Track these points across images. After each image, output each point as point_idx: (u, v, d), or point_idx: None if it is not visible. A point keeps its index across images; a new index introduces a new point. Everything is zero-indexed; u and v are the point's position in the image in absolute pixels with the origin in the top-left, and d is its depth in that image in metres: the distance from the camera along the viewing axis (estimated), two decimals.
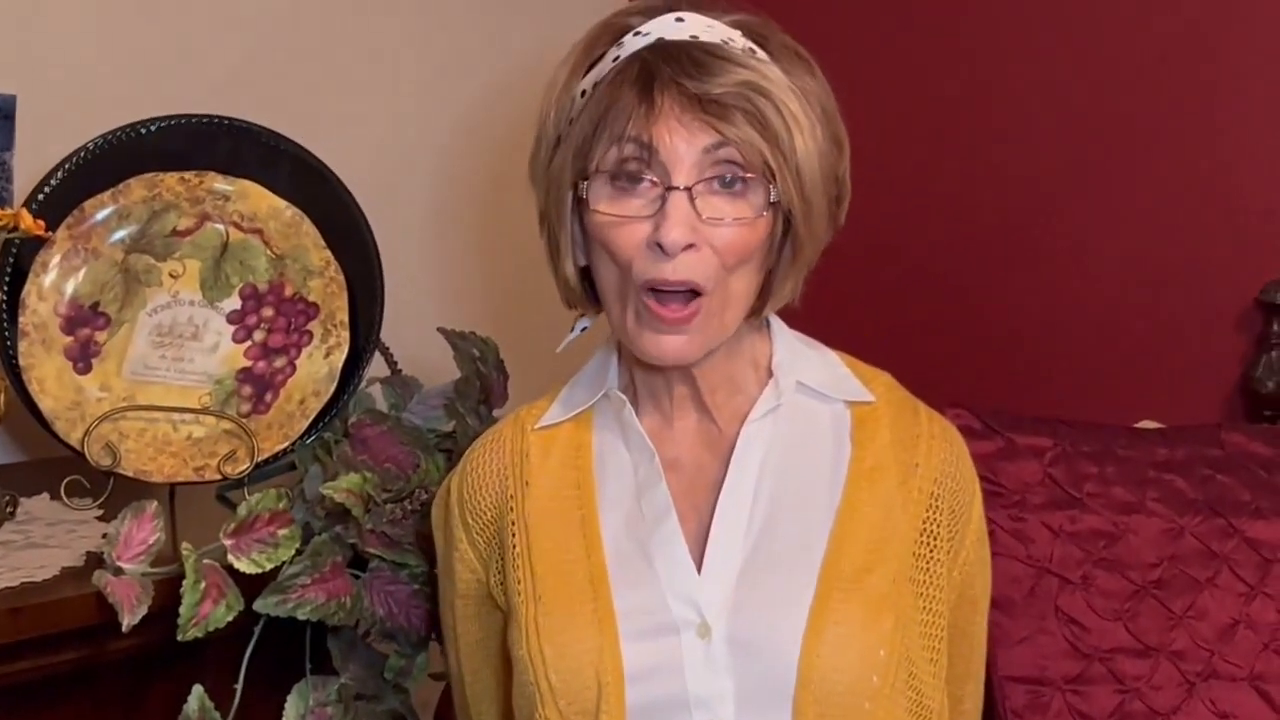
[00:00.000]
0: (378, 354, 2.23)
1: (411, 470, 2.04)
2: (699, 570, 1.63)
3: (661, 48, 1.60)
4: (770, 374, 1.72)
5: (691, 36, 1.61)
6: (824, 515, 1.65)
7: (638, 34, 1.62)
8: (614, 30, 1.65)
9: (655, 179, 1.57)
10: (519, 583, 1.70)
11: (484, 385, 2.17)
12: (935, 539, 1.67)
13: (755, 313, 1.68)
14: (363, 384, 2.20)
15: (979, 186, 2.81)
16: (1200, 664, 2.16)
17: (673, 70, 1.57)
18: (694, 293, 1.58)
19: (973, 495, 1.75)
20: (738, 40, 1.63)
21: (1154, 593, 2.16)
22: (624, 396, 1.72)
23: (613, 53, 1.63)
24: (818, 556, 1.62)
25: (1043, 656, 2.12)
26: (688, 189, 1.56)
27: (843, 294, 1.90)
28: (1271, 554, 2.22)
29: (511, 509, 1.74)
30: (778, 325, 1.75)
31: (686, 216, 1.55)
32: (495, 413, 2.18)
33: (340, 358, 2.15)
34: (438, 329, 2.19)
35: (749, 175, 1.57)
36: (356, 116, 2.72)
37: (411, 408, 2.14)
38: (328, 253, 2.15)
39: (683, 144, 1.56)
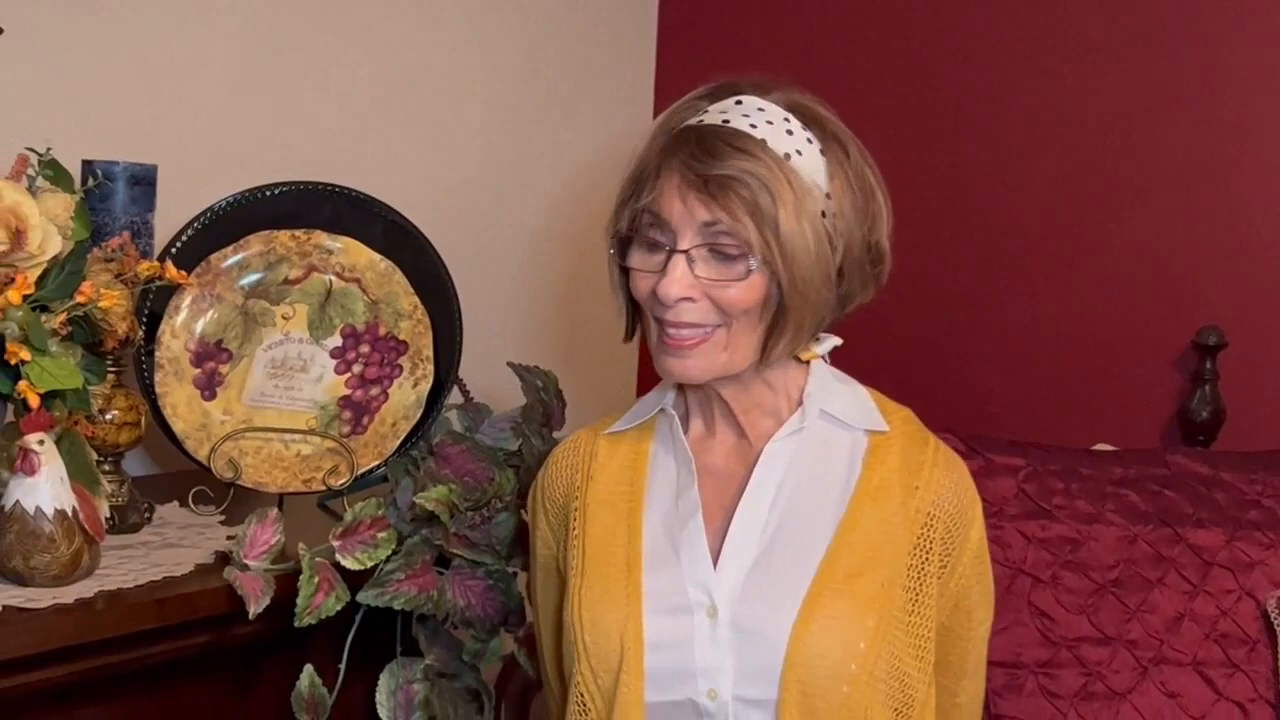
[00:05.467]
0: (454, 385, 2.21)
1: (487, 483, 2.02)
2: (716, 563, 1.63)
3: (690, 130, 1.60)
4: (801, 403, 1.70)
5: (724, 120, 1.59)
6: (828, 525, 1.64)
7: (700, 113, 1.63)
8: (682, 113, 1.65)
9: (665, 242, 1.58)
10: (574, 559, 1.71)
11: (545, 411, 2.16)
12: (929, 553, 1.63)
13: (761, 363, 1.65)
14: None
15: (965, 257, 2.82)
16: (1152, 651, 2.15)
17: (685, 154, 1.57)
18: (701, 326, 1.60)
19: (971, 520, 1.69)
20: (777, 122, 1.60)
21: (1112, 590, 2.14)
22: (674, 413, 1.71)
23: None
24: (817, 559, 1.61)
25: (1018, 644, 2.10)
26: (685, 251, 1.56)
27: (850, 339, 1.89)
28: (1210, 558, 2.21)
29: (577, 498, 1.74)
30: (818, 364, 1.72)
31: (683, 275, 1.56)
32: (555, 434, 2.16)
33: (426, 388, 2.14)
34: (507, 363, 2.18)
35: (739, 250, 1.56)
36: (451, 188, 2.71)
37: (483, 430, 2.12)
38: (415, 299, 2.15)
39: (685, 216, 1.56)
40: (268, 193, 2.14)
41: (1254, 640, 2.17)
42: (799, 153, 1.59)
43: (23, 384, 1.69)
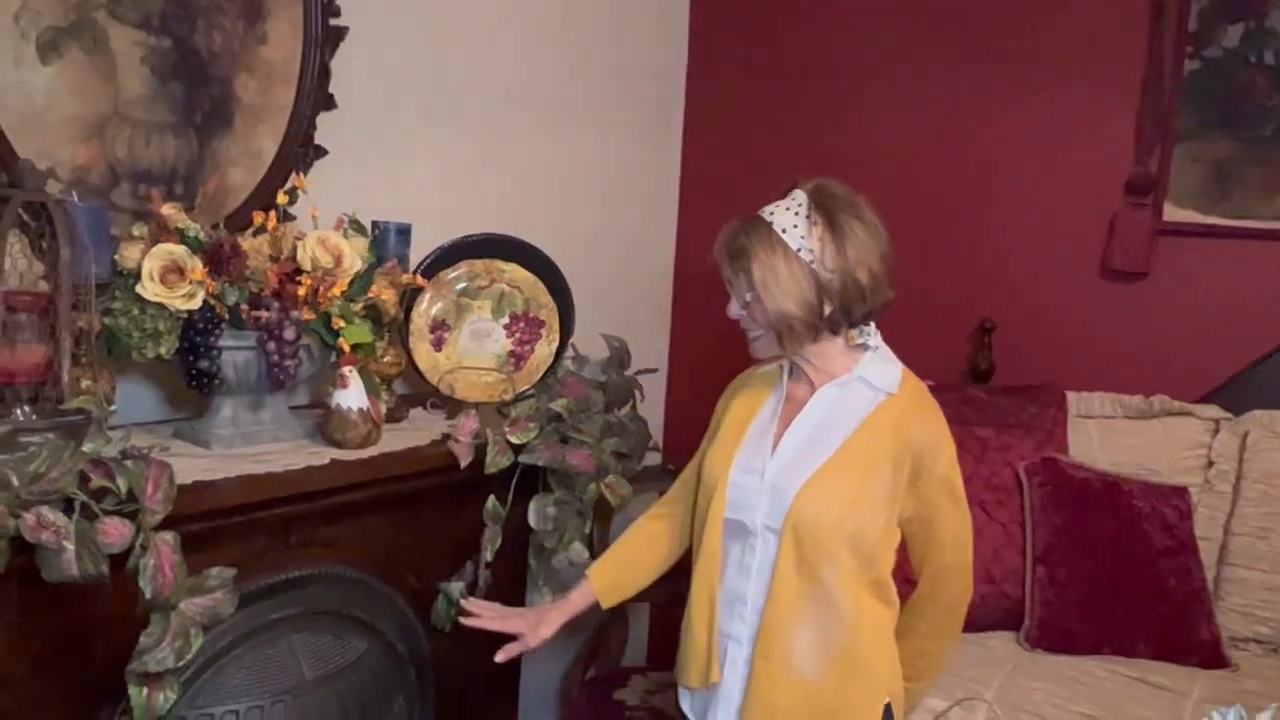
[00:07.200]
0: (570, 345, 2.24)
1: (587, 399, 2.03)
2: (774, 450, 1.60)
3: (736, 219, 1.55)
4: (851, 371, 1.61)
5: (758, 212, 1.54)
6: (841, 439, 1.57)
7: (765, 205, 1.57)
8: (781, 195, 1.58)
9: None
10: (715, 433, 1.67)
11: (619, 359, 2.18)
12: (901, 467, 1.54)
13: (791, 351, 1.59)
14: (563, 359, 2.21)
15: None
16: None
17: (728, 235, 1.55)
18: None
19: (938, 455, 1.55)
20: (793, 207, 1.52)
21: None
22: (786, 366, 1.65)
23: None
24: (825, 458, 1.56)
25: None
26: (730, 288, 1.58)
27: None
28: (988, 444, 2.32)
29: (731, 400, 1.69)
30: (871, 350, 1.59)
31: (733, 303, 1.57)
32: (626, 373, 2.15)
33: (555, 346, 2.18)
34: (600, 334, 2.21)
35: (744, 292, 1.55)
36: (571, 239, 2.64)
37: (585, 369, 2.15)
38: (550, 298, 2.19)
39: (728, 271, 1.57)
40: (470, 239, 2.16)
41: (1012, 489, 2.28)
42: (795, 226, 1.51)
43: (340, 340, 1.78)
